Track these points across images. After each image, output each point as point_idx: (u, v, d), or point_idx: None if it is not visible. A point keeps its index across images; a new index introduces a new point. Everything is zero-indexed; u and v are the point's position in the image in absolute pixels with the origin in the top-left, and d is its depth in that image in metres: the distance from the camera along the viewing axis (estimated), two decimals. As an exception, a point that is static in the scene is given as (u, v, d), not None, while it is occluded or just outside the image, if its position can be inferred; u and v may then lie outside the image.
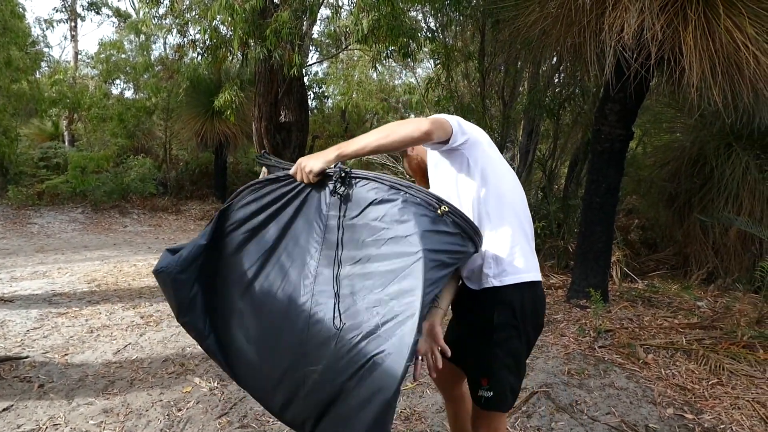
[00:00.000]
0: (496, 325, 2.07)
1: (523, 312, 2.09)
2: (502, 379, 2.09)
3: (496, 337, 2.07)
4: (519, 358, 2.13)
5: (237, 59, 11.35)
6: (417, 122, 1.93)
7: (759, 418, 3.61)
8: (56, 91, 15.60)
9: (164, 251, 2.12)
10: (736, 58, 4.61)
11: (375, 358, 1.70)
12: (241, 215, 2.08)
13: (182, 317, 2.14)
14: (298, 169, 1.90)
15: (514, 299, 2.08)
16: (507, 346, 2.09)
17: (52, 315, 5.52)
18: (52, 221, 12.70)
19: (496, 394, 2.09)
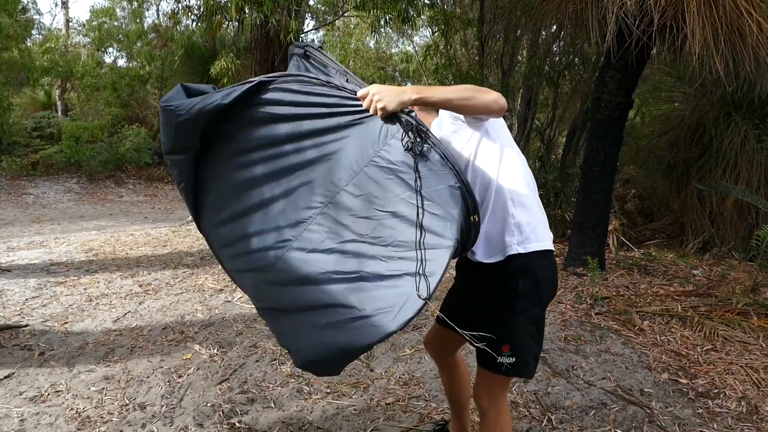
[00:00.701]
0: (521, 293, 2.06)
1: (545, 280, 2.11)
2: (525, 347, 2.09)
3: (519, 305, 2.07)
4: (541, 325, 2.15)
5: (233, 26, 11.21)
6: (497, 96, 1.88)
7: (752, 383, 3.66)
8: (48, 59, 15.39)
9: (179, 86, 2.05)
10: (739, 25, 4.57)
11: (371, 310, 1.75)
12: (278, 97, 1.98)
13: (170, 154, 2.13)
14: (369, 99, 1.81)
15: (538, 267, 2.09)
16: (530, 314, 2.09)
17: (50, 284, 5.53)
18: (48, 191, 12.65)
19: (518, 360, 2.08)
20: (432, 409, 3.25)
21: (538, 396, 3.42)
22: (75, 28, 19.60)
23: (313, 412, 3.19)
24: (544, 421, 3.14)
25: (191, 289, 5.47)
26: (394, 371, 3.72)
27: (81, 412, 3.14)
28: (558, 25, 7.24)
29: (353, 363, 3.81)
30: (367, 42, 18.02)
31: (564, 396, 3.43)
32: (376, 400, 3.35)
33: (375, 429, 3.04)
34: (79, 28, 19.59)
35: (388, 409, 3.25)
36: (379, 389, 3.48)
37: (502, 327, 2.08)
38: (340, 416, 3.16)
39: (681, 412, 3.27)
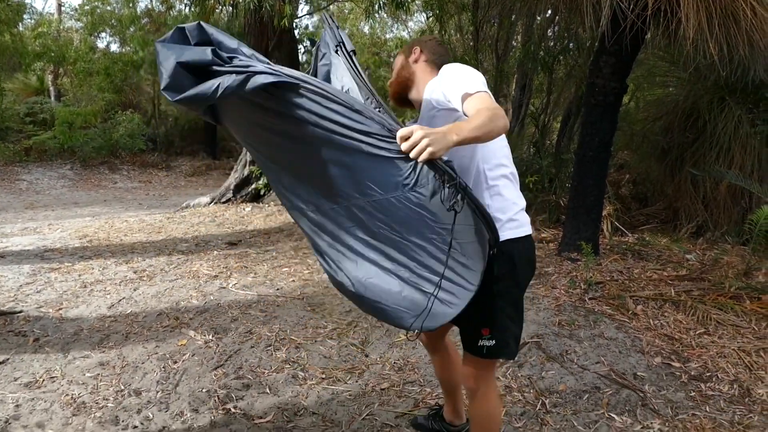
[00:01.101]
0: (496, 276, 2.08)
1: (521, 263, 2.13)
2: (504, 329, 2.14)
3: (496, 288, 2.10)
4: (519, 306, 2.19)
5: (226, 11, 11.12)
6: (506, 123, 1.85)
7: (744, 366, 3.69)
8: (40, 44, 15.30)
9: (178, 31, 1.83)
10: (732, 9, 4.56)
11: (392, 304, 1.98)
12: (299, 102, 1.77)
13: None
14: (412, 142, 1.69)
15: (513, 251, 2.11)
16: (508, 297, 2.14)
17: (44, 270, 5.52)
18: (41, 177, 12.61)
19: (498, 343, 2.14)
20: (427, 394, 3.27)
21: (532, 380, 3.45)
22: (67, 13, 19.45)
23: (308, 398, 3.21)
24: (538, 405, 3.17)
25: (186, 275, 5.47)
26: (389, 357, 3.74)
27: (76, 398, 3.15)
28: (552, 9, 7.22)
29: (348, 349, 3.84)
30: (362, 27, 17.91)
31: (558, 380, 3.45)
32: (371, 385, 3.37)
33: (370, 414, 3.06)
34: (71, 13, 19.45)
35: (383, 394, 3.27)
36: (374, 375, 3.50)
37: (481, 310, 2.11)
38: (335, 401, 3.18)
39: (674, 396, 3.30)
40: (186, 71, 1.73)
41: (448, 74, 2.12)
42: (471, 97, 1.94)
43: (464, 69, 2.09)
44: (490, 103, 1.90)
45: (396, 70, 2.40)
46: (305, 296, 4.91)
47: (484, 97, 1.93)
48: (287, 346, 3.87)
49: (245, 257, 6.14)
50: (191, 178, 14.88)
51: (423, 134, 1.67)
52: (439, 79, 2.19)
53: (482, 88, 1.97)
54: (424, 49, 2.36)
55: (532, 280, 2.32)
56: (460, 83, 2.01)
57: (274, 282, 5.28)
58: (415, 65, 2.35)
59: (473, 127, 1.77)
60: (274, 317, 4.40)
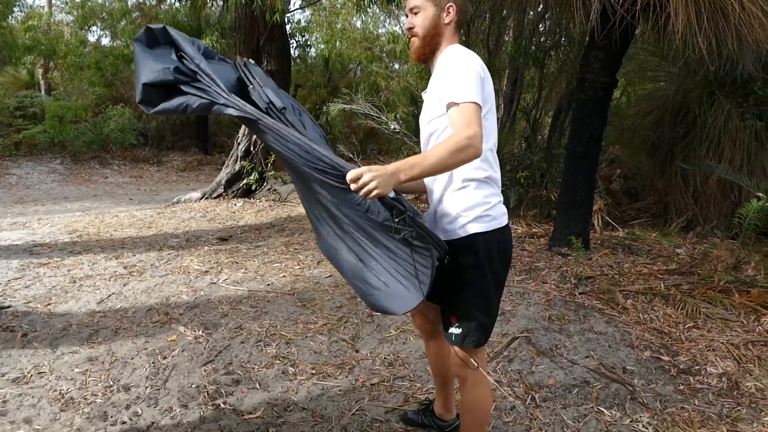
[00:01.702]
0: (462, 267, 2.15)
1: (488, 254, 2.16)
2: (471, 318, 2.19)
3: (462, 278, 2.16)
4: (487, 296, 2.21)
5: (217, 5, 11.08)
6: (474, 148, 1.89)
7: (732, 359, 3.71)
8: (30, 37, 15.19)
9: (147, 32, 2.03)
10: (721, 4, 4.57)
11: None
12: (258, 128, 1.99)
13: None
14: (361, 184, 1.81)
15: (479, 244, 2.15)
16: (475, 287, 2.18)
17: (33, 265, 5.49)
18: (31, 172, 12.54)
19: (464, 331, 2.20)
20: (417, 389, 3.27)
21: (522, 375, 3.45)
22: (58, 6, 19.32)
23: (298, 393, 3.21)
24: (527, 400, 3.18)
25: (176, 270, 5.45)
26: (379, 352, 3.74)
27: (64, 394, 3.13)
28: (543, 4, 7.22)
29: (338, 344, 3.84)
30: (354, 22, 17.85)
31: (548, 375, 3.46)
32: (361, 380, 3.37)
33: (360, 409, 3.06)
34: (62, 6, 19.32)
35: (373, 389, 3.27)
36: (365, 370, 3.50)
37: (450, 300, 2.22)
38: (325, 397, 3.17)
39: (663, 389, 3.32)
40: (153, 87, 1.96)
41: (449, 68, 2.09)
42: (455, 108, 1.97)
43: (464, 67, 2.04)
44: (468, 121, 1.92)
45: (425, 25, 2.21)
46: (296, 292, 4.90)
47: (467, 113, 1.94)
48: (277, 341, 3.87)
49: (236, 253, 6.13)
50: (182, 173, 14.82)
51: (371, 177, 1.79)
52: (444, 64, 2.15)
53: (471, 97, 1.96)
54: (458, 9, 2.22)
55: (521, 276, 2.35)
56: (454, 87, 2.00)
57: (265, 277, 5.27)
58: (446, 27, 2.22)
59: (426, 165, 1.88)
60: (265, 313, 4.40)
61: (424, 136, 2.28)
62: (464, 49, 2.16)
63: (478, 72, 2.05)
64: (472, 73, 2.03)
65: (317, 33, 16.60)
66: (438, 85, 2.14)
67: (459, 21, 2.23)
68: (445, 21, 2.19)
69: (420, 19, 2.20)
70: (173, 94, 1.99)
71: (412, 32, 2.23)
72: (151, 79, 1.93)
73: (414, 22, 2.21)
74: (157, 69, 1.94)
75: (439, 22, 2.19)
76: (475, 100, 1.96)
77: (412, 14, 2.22)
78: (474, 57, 2.10)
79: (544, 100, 10.12)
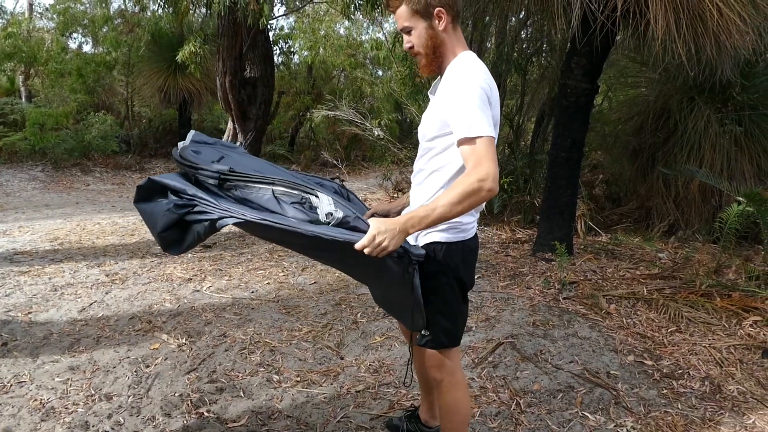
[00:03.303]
0: (427, 274, 2.16)
1: (452, 263, 2.19)
2: (435, 323, 2.22)
3: (428, 284, 2.17)
4: (451, 303, 2.24)
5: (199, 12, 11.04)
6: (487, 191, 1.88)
7: (715, 363, 3.74)
8: (10, 44, 15.02)
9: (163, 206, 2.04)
10: (700, 10, 4.63)
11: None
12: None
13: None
14: (373, 247, 1.85)
15: (441, 253, 2.18)
16: (439, 293, 2.20)
17: (13, 273, 5.42)
18: (11, 179, 12.38)
19: (430, 335, 2.24)
20: (402, 395, 3.27)
21: (507, 380, 3.46)
22: (39, 13, 19.16)
23: (283, 401, 3.19)
24: (512, 405, 3.18)
25: (159, 278, 5.41)
26: (364, 359, 3.73)
27: (45, 403, 3.10)
28: (525, 11, 7.26)
29: (323, 351, 3.83)
30: (337, 28, 17.87)
31: (532, 380, 3.47)
32: (346, 387, 3.36)
33: (345, 417, 3.05)
34: (43, 12, 19.16)
35: (358, 396, 3.26)
36: (349, 377, 3.49)
37: None
38: (310, 404, 3.16)
39: (646, 393, 3.34)
40: (168, 231, 2.02)
41: (455, 90, 2.02)
42: (467, 147, 1.94)
43: (469, 92, 1.98)
44: (479, 159, 1.90)
45: (423, 42, 2.14)
46: (280, 299, 4.88)
47: (479, 150, 1.91)
48: (261, 349, 3.85)
49: (220, 260, 6.09)
50: (165, 180, 14.71)
51: (382, 238, 1.84)
52: (452, 80, 2.08)
53: (482, 130, 1.92)
54: (448, 11, 2.10)
55: (505, 281, 2.37)
56: (463, 120, 1.95)
57: (249, 285, 5.25)
58: (444, 33, 2.13)
59: (435, 217, 1.91)
60: (249, 320, 4.37)
61: (421, 149, 2.24)
62: (471, 63, 2.09)
63: (484, 91, 2.00)
64: (477, 97, 1.97)
65: (300, 40, 16.58)
66: (444, 103, 2.07)
67: (454, 18, 2.13)
68: (440, 28, 2.11)
69: (415, 37, 2.14)
70: (187, 229, 2.04)
71: (413, 52, 2.17)
72: (162, 226, 2.01)
73: (411, 41, 2.15)
74: (163, 213, 2.01)
75: (435, 32, 2.11)
76: (486, 134, 1.92)
77: (406, 34, 2.16)
78: (479, 74, 2.04)
79: (527, 106, 10.16)
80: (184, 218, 2.00)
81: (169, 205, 2.01)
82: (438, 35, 2.12)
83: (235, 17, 8.73)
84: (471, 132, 1.92)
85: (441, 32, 2.12)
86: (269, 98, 10.84)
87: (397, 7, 2.14)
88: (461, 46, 2.18)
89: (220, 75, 9.92)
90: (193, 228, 2.01)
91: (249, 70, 9.88)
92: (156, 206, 2.05)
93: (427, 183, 2.21)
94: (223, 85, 9.84)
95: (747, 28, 4.68)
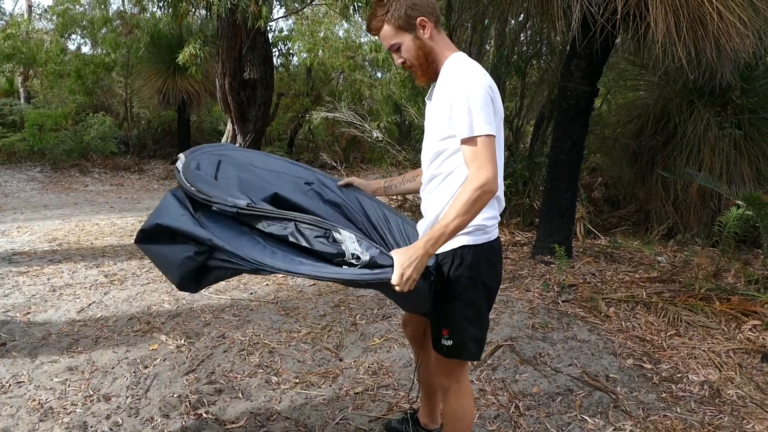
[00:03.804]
0: (452, 279, 2.13)
1: (477, 266, 2.14)
2: (462, 329, 2.16)
3: (453, 290, 2.14)
4: (479, 308, 2.19)
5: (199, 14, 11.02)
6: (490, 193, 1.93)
7: (714, 366, 3.74)
8: (9, 45, 15.02)
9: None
10: (700, 14, 4.63)
11: None
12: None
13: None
14: (402, 282, 1.88)
15: (467, 257, 2.13)
16: (465, 298, 2.15)
17: (12, 274, 5.41)
18: (10, 180, 12.37)
19: (456, 343, 2.17)
20: (401, 398, 3.26)
21: (506, 383, 3.46)
22: (38, 14, 19.16)
23: (282, 402, 3.18)
24: (511, 408, 3.17)
25: (158, 279, 5.40)
26: (363, 361, 3.72)
27: (44, 403, 3.09)
28: (525, 14, 7.27)
29: (322, 353, 3.82)
30: (336, 31, 17.88)
31: (531, 383, 3.47)
32: (344, 389, 3.35)
33: (344, 418, 3.04)
34: (42, 14, 19.16)
35: (356, 398, 3.26)
36: (348, 379, 3.48)
37: (441, 311, 2.19)
38: (309, 406, 3.15)
39: (645, 397, 3.33)
40: (189, 276, 1.95)
41: (456, 91, 2.00)
42: (468, 147, 1.96)
43: (472, 93, 1.97)
44: (481, 162, 1.93)
45: (413, 55, 2.13)
46: (279, 300, 4.88)
47: (480, 151, 1.94)
48: (260, 350, 3.84)
49: (218, 261, 6.07)
50: (164, 181, 14.70)
51: (408, 273, 1.88)
52: (450, 81, 2.07)
53: (483, 129, 1.93)
54: (429, 18, 2.10)
55: (504, 284, 2.35)
56: (465, 120, 1.95)
57: (248, 286, 5.24)
58: (431, 40, 2.12)
59: (450, 231, 1.93)
60: (248, 321, 4.37)
61: (430, 153, 2.21)
62: (467, 64, 2.08)
63: (487, 93, 1.99)
64: (481, 98, 1.97)
65: (300, 42, 16.60)
66: (446, 102, 2.06)
67: (436, 22, 2.13)
68: (426, 37, 2.10)
69: (405, 51, 2.14)
70: (205, 273, 1.98)
71: (406, 66, 2.18)
72: (180, 275, 1.96)
73: (402, 56, 2.15)
74: (182, 260, 1.93)
75: (422, 42, 2.11)
76: (487, 133, 1.93)
77: (395, 52, 2.16)
78: (479, 75, 2.03)
79: (526, 108, 10.17)
80: (206, 263, 1.94)
81: (187, 253, 1.92)
82: (426, 44, 2.11)
83: (234, 19, 8.73)
84: (472, 131, 1.94)
85: (428, 40, 2.11)
86: (268, 100, 10.83)
87: (379, 29, 2.14)
88: (449, 48, 2.18)
89: (219, 76, 9.91)
90: (215, 272, 1.96)
91: (248, 71, 9.87)
92: (169, 250, 1.98)
93: (442, 188, 2.17)
94: (222, 87, 9.83)
95: (747, 31, 4.69)
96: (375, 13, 2.14)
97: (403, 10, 2.07)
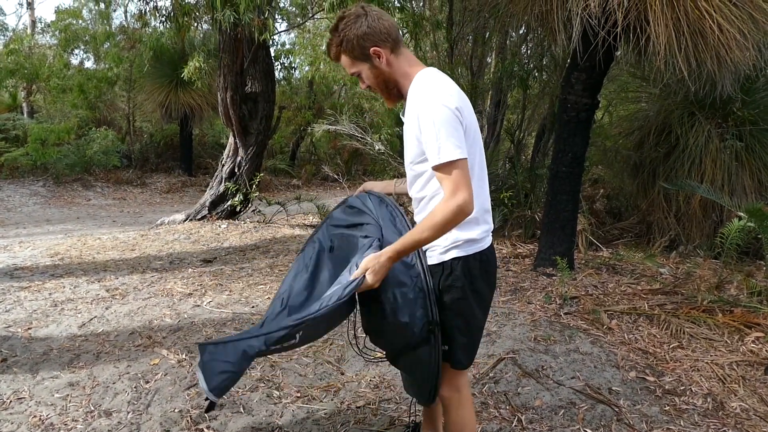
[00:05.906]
0: (442, 289, 2.17)
1: (469, 276, 2.17)
2: (451, 338, 2.21)
3: (444, 299, 2.17)
4: (469, 318, 2.22)
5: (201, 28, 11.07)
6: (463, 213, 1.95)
7: (717, 379, 3.72)
8: (12, 61, 15.13)
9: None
10: (700, 26, 4.65)
11: None
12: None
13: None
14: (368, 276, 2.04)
15: (458, 267, 2.16)
16: (455, 308, 2.19)
17: (14, 289, 5.41)
18: (13, 194, 12.41)
19: (446, 351, 2.22)
20: (403, 411, 3.25)
21: (508, 396, 3.44)
22: (41, 30, 19.29)
23: (283, 417, 3.17)
24: (513, 422, 3.16)
25: (160, 293, 5.40)
26: (364, 374, 3.71)
27: (44, 419, 3.08)
28: (525, 26, 7.31)
29: (323, 366, 3.81)
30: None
31: (533, 396, 3.45)
32: (346, 403, 3.34)
33: (345, 432, 3.03)
34: (45, 29, 19.29)
35: (358, 412, 3.24)
36: (350, 392, 3.47)
37: None
38: (311, 420, 3.14)
39: (648, 410, 3.31)
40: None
41: (422, 114, 2.00)
42: (441, 174, 1.97)
43: (437, 115, 1.96)
44: (454, 186, 1.94)
45: (374, 82, 2.18)
46: (280, 313, 4.86)
47: (453, 175, 1.94)
48: (262, 364, 3.83)
49: (220, 275, 6.08)
50: (166, 195, 14.74)
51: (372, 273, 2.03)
52: (416, 103, 2.06)
53: (453, 154, 1.93)
54: (383, 46, 2.10)
55: (506, 296, 2.36)
56: (434, 146, 1.95)
57: (250, 300, 5.24)
58: (390, 66, 2.14)
59: (418, 244, 2.03)
60: (249, 335, 4.35)
61: (410, 176, 2.25)
62: (430, 82, 2.08)
63: (454, 115, 1.98)
64: (447, 122, 1.96)
65: (301, 55, 16.67)
66: (414, 122, 2.06)
67: (393, 47, 2.12)
68: (382, 65, 2.12)
69: (365, 78, 2.18)
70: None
71: (372, 90, 2.23)
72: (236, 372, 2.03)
73: (364, 81, 2.20)
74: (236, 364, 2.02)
75: (379, 70, 2.13)
76: (457, 157, 1.93)
77: (358, 77, 2.20)
78: (445, 97, 2.00)
79: (528, 120, 10.20)
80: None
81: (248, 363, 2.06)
82: (382, 71, 2.14)
83: (236, 33, 8.76)
84: (441, 158, 1.94)
85: (385, 68, 2.13)
86: (270, 113, 10.84)
87: (338, 57, 2.19)
88: (414, 65, 2.17)
89: (221, 90, 9.93)
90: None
91: (250, 85, 9.89)
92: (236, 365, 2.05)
93: (429, 209, 2.15)
94: (224, 101, 9.85)
95: (747, 43, 4.71)
96: (331, 42, 2.17)
97: (356, 41, 2.09)
